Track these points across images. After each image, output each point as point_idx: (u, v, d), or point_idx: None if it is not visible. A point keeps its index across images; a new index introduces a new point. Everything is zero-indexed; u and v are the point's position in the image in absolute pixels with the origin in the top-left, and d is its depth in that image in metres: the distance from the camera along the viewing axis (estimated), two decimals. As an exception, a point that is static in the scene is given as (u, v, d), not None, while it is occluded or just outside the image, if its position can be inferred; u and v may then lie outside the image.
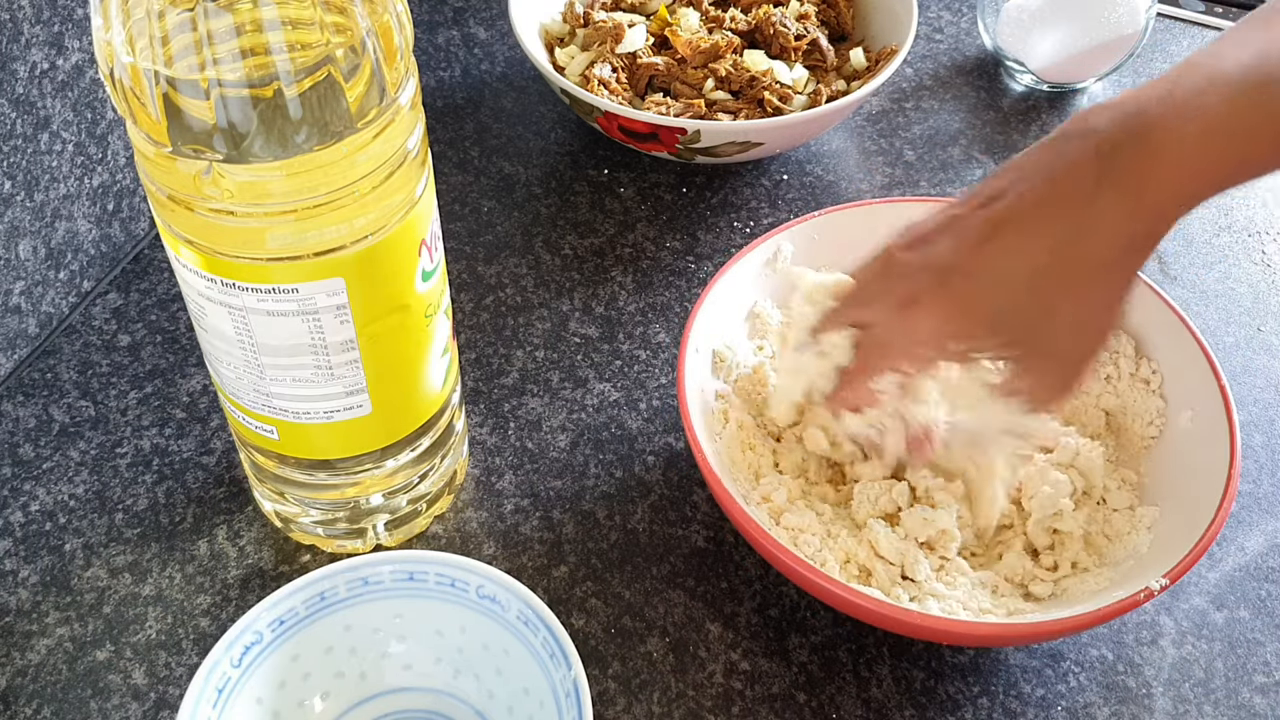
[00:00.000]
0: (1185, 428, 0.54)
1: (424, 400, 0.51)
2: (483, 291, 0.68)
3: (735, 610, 0.54)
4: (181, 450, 0.60)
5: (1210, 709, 0.52)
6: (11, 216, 0.59)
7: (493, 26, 0.86)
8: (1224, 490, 0.49)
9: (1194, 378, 0.54)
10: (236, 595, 0.54)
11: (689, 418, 0.52)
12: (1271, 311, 0.68)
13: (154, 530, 0.57)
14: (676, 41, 0.74)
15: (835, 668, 0.53)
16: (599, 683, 0.52)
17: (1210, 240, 0.72)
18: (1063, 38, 0.78)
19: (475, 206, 0.73)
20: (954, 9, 0.89)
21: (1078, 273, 0.45)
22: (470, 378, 0.64)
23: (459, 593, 0.47)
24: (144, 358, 0.64)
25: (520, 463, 0.60)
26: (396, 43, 0.41)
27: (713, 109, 0.73)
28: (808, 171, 0.76)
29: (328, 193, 0.41)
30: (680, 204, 0.73)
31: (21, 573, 0.55)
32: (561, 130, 0.78)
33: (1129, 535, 0.52)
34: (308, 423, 0.49)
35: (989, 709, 0.51)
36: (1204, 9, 0.89)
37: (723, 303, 0.58)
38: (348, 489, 0.53)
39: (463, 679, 0.48)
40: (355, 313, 0.45)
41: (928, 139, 0.78)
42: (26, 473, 0.59)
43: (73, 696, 0.51)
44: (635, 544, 0.57)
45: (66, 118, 0.61)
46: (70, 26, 0.59)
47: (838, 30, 0.79)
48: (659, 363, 0.65)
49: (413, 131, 0.44)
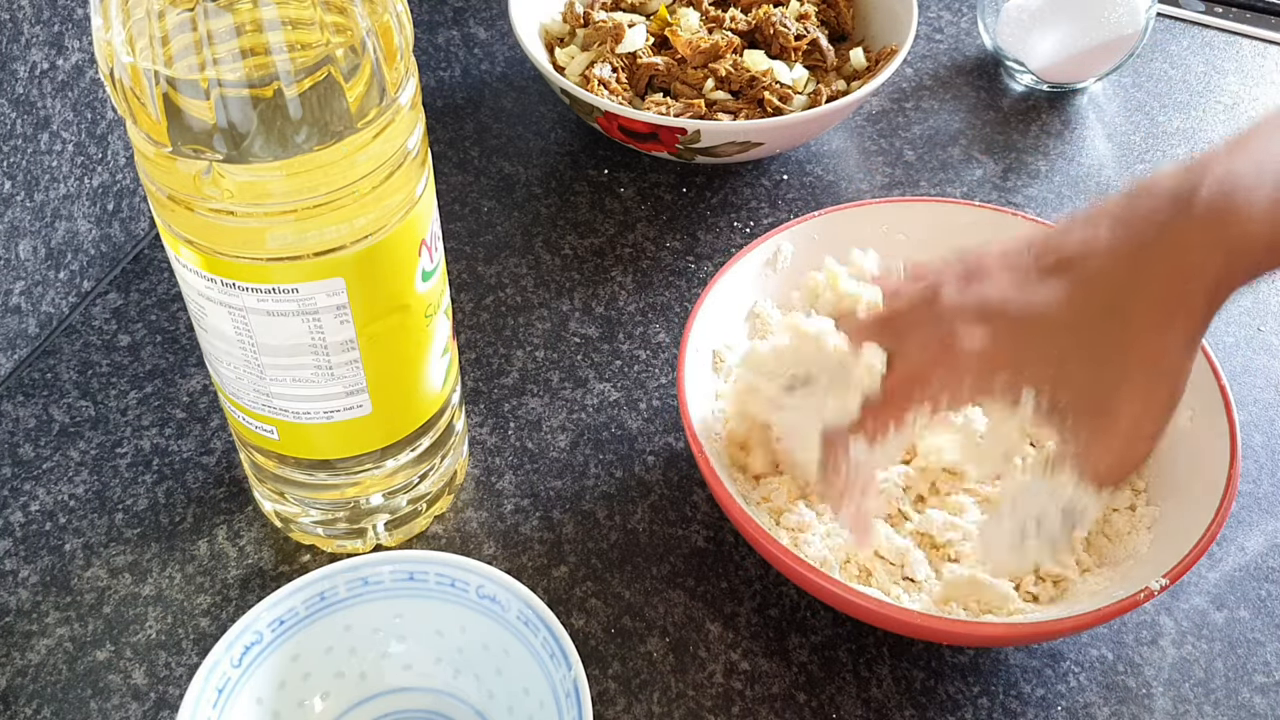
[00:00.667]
0: (1185, 428, 0.54)
1: (424, 400, 0.51)
2: (483, 291, 0.68)
3: (735, 610, 0.54)
4: (181, 450, 0.60)
5: (1210, 709, 0.52)
6: (11, 216, 0.59)
7: (493, 26, 0.86)
8: (1224, 491, 0.49)
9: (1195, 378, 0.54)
10: (236, 595, 0.54)
11: (689, 418, 0.52)
12: (1271, 311, 0.68)
13: (154, 530, 0.57)
14: (676, 41, 0.74)
15: (835, 668, 0.53)
16: (599, 683, 0.52)
17: (1210, 240, 0.72)
18: (1063, 38, 0.78)
19: (475, 206, 0.73)
20: (954, 9, 0.89)
21: (1152, 315, 0.41)
22: (470, 378, 0.64)
23: (459, 593, 0.47)
24: (144, 358, 0.64)
25: (520, 463, 0.60)
26: (396, 43, 0.41)
27: (713, 109, 0.73)
28: (808, 171, 0.76)
29: (328, 193, 0.41)
30: (680, 204, 0.73)
31: (21, 573, 0.55)
32: (561, 130, 0.78)
33: (1129, 535, 0.52)
34: (308, 423, 0.49)
35: (989, 709, 0.51)
36: (1204, 9, 0.89)
37: (723, 303, 0.58)
38: (348, 489, 0.53)
39: (463, 679, 0.48)
40: (355, 313, 0.45)
41: (928, 139, 0.78)
42: (26, 473, 0.59)
43: (73, 696, 0.51)
44: (635, 544, 0.57)
45: (66, 118, 0.61)
46: (70, 26, 0.59)
47: (838, 30, 0.79)
48: (659, 363, 0.65)
49: (413, 131, 0.44)
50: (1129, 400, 0.43)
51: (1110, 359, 0.42)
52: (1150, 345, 0.42)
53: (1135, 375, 0.42)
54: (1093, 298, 0.43)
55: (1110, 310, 0.42)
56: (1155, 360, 0.42)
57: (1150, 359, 0.42)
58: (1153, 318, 0.42)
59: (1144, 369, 0.42)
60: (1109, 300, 0.42)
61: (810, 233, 0.61)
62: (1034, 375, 0.44)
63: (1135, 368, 0.42)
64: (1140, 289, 0.42)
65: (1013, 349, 0.44)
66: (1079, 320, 0.43)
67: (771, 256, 0.60)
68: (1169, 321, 0.42)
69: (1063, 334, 0.43)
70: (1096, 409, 0.43)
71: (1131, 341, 0.42)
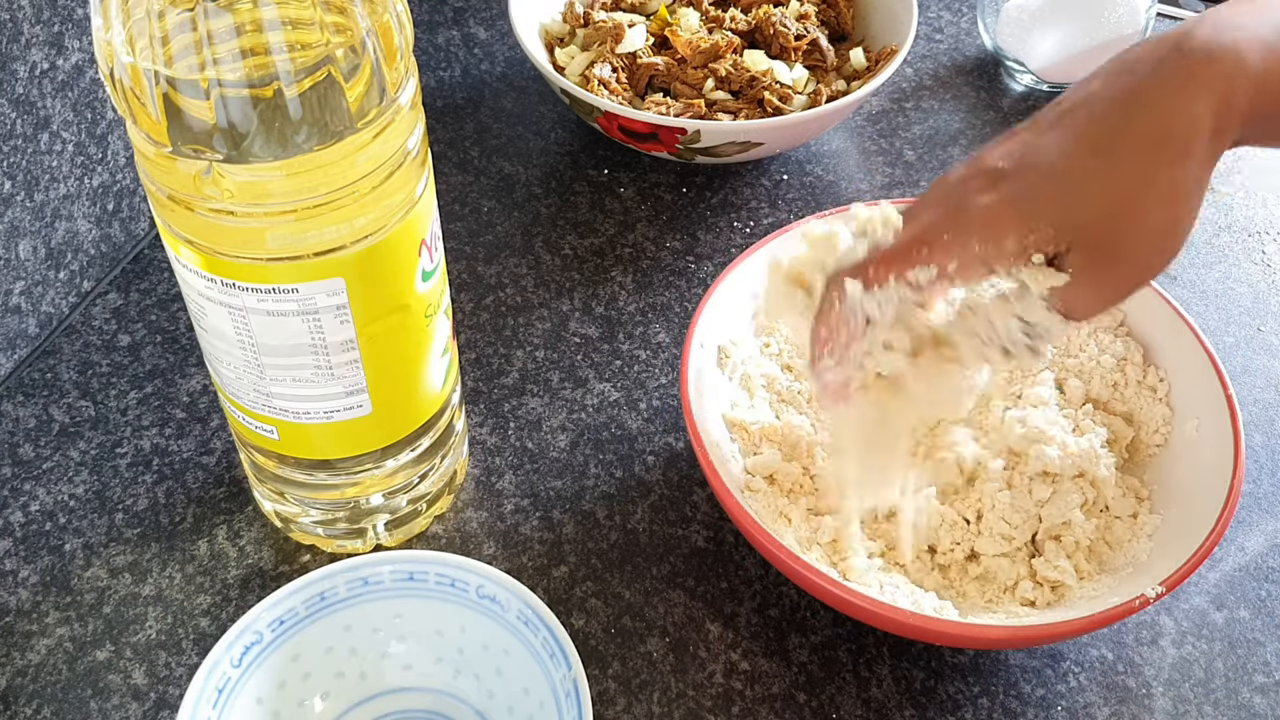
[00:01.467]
0: (1191, 437, 0.54)
1: (424, 400, 0.51)
2: (483, 291, 0.68)
3: (735, 610, 0.54)
4: (181, 450, 0.60)
5: (1210, 709, 0.52)
6: (11, 216, 0.59)
7: (493, 26, 0.86)
8: (1225, 500, 0.49)
9: (1200, 386, 0.54)
10: (236, 595, 0.54)
11: (691, 417, 0.52)
12: (1271, 311, 0.68)
13: (154, 530, 0.57)
14: (676, 41, 0.74)
15: (835, 668, 0.53)
16: (599, 683, 0.52)
17: (1210, 240, 0.72)
18: (1063, 38, 0.78)
19: (475, 206, 0.73)
20: (954, 9, 0.89)
21: (1159, 156, 0.41)
22: (470, 378, 0.64)
23: (459, 593, 0.47)
24: (144, 358, 0.64)
25: (520, 463, 0.60)
26: (396, 43, 0.41)
27: (713, 109, 0.73)
28: (808, 171, 0.76)
29: (328, 193, 0.41)
30: (680, 204, 0.73)
31: (21, 573, 0.55)
32: (561, 130, 0.78)
33: (1130, 542, 0.52)
34: (308, 423, 0.49)
35: (989, 709, 0.51)
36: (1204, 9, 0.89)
37: (727, 301, 0.58)
38: (348, 489, 0.53)
39: (463, 679, 0.48)
40: (355, 313, 0.45)
41: (928, 139, 0.78)
42: (26, 473, 0.59)
43: (73, 696, 0.51)
44: (635, 544, 0.57)
45: (66, 118, 0.61)
46: (70, 26, 0.59)
47: (838, 30, 0.79)
48: (659, 363, 0.65)
49: (413, 131, 0.44)
50: (1130, 239, 0.43)
51: (1109, 197, 0.42)
52: (1146, 181, 0.42)
53: (1132, 213, 0.42)
54: (1087, 140, 0.43)
55: (1103, 149, 0.42)
56: (1158, 196, 0.42)
57: (1149, 196, 0.42)
58: (1147, 155, 0.42)
59: (1142, 205, 0.42)
60: (1103, 140, 0.42)
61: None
62: (1041, 233, 0.43)
63: (1132, 205, 0.42)
64: (1132, 126, 0.42)
65: (1016, 204, 0.43)
66: (1075, 165, 0.43)
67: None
68: (1160, 156, 0.42)
69: (1063, 180, 0.43)
70: (1098, 247, 0.43)
71: (1128, 179, 0.42)
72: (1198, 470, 0.52)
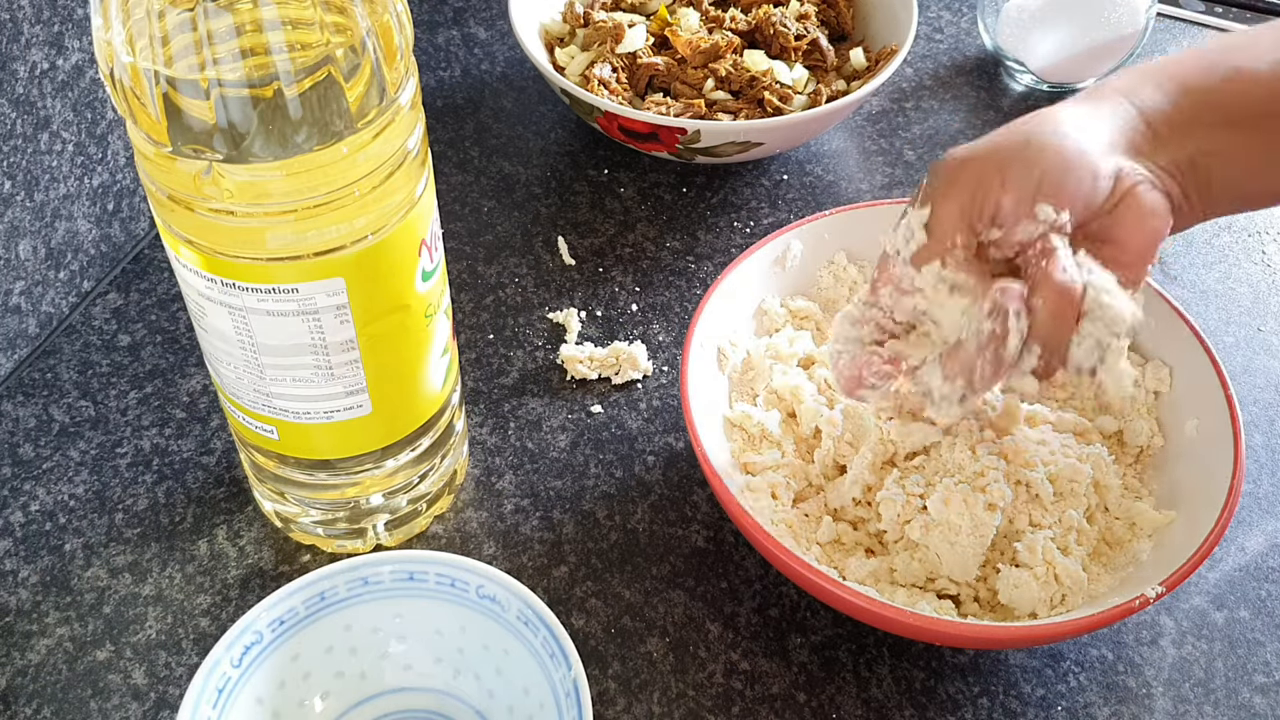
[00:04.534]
0: (1191, 437, 0.54)
1: (424, 400, 0.51)
2: (483, 291, 0.68)
3: (735, 610, 0.54)
4: (181, 450, 0.60)
5: (1210, 709, 0.52)
6: (11, 216, 0.59)
7: (493, 26, 0.86)
8: (1225, 501, 0.49)
9: (1201, 386, 0.54)
10: (236, 595, 0.54)
11: (691, 417, 0.52)
12: (1271, 311, 0.68)
13: (154, 530, 0.57)
14: (676, 41, 0.74)
15: (835, 668, 0.53)
16: (599, 683, 0.52)
17: (1210, 240, 0.72)
18: (1063, 38, 0.78)
19: (475, 206, 0.73)
20: (954, 9, 0.89)
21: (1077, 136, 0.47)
22: (470, 378, 0.64)
23: (459, 593, 0.47)
24: (144, 358, 0.64)
25: (520, 463, 0.60)
26: (396, 43, 0.41)
27: (713, 109, 0.73)
28: (808, 171, 0.76)
29: (328, 193, 0.41)
30: (680, 204, 0.73)
31: (21, 573, 0.55)
32: (561, 130, 0.78)
33: (1130, 543, 0.52)
34: (308, 423, 0.49)
35: (989, 709, 0.51)
36: (1204, 9, 0.89)
37: (728, 300, 0.58)
38: (348, 489, 0.53)
39: (463, 679, 0.48)
40: (355, 313, 0.45)
41: (928, 139, 0.78)
42: (26, 473, 0.59)
43: (73, 696, 0.51)
44: (635, 544, 0.57)
45: (66, 118, 0.61)
46: (70, 26, 0.59)
47: (838, 30, 0.79)
48: (659, 362, 0.65)
49: (413, 131, 0.44)
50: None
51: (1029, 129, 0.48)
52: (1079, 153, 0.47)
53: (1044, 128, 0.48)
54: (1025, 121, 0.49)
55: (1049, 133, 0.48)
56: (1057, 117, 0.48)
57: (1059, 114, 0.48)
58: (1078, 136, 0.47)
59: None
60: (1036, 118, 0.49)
61: (820, 232, 0.61)
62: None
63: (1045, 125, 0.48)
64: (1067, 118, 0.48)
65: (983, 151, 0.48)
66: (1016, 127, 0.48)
67: (780, 255, 0.60)
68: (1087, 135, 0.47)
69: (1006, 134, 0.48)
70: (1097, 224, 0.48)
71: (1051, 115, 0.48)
72: (1198, 470, 0.52)
